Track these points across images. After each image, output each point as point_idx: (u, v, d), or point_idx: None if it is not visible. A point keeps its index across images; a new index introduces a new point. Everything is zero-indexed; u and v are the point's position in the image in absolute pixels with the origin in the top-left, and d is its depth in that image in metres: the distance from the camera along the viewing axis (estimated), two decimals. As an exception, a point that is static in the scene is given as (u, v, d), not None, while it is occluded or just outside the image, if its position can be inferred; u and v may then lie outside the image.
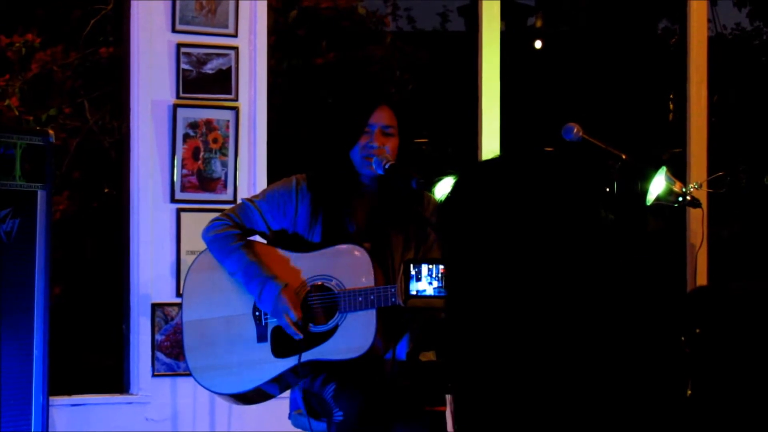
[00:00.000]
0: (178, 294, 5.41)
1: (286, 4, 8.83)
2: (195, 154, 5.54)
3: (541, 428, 1.70)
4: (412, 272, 3.67)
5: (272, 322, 4.03)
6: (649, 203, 5.51)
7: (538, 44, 10.49)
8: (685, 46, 6.67)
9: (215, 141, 5.57)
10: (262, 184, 5.57)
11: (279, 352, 4.01)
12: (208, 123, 5.56)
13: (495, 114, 6.24)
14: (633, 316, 1.76)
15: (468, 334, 1.74)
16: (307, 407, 4.06)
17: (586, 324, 1.71)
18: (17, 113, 7.90)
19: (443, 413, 4.03)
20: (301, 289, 4.01)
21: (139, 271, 5.50)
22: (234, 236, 4.09)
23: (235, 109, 5.61)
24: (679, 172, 6.08)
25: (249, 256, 4.03)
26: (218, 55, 5.61)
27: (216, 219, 4.15)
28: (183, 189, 5.53)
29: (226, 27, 5.62)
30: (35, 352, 4.91)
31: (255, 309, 4.07)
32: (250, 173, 5.65)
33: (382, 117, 4.11)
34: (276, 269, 4.03)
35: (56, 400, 5.28)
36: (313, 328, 3.97)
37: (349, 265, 3.98)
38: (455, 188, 1.83)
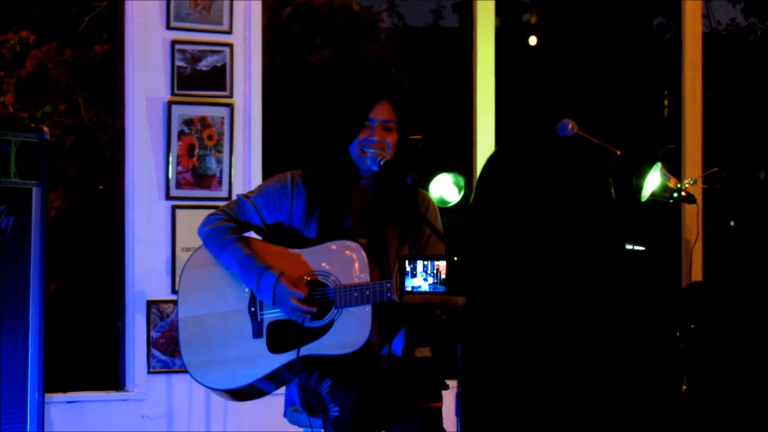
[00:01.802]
0: (174, 291, 5.42)
1: (281, 0, 8.83)
2: (190, 151, 5.54)
3: (544, 415, 1.70)
4: (408, 268, 3.67)
5: (268, 318, 4.04)
6: (644, 199, 5.52)
7: (532, 41, 10.48)
8: (679, 42, 6.67)
9: (210, 138, 5.57)
10: (257, 180, 5.56)
11: (275, 347, 4.01)
12: (203, 120, 5.56)
13: (490, 110, 6.25)
14: (629, 312, 1.76)
15: (488, 326, 1.75)
16: (303, 403, 4.06)
17: (587, 318, 1.71)
18: (12, 110, 7.89)
19: (439, 409, 4.03)
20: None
21: (134, 268, 5.50)
22: (229, 230, 4.09)
23: (230, 106, 5.61)
24: (674, 168, 6.08)
25: (244, 249, 4.04)
26: (213, 52, 5.60)
27: (211, 214, 4.16)
28: (178, 186, 5.53)
29: (221, 24, 5.62)
30: (30, 349, 4.90)
31: (250, 305, 4.07)
32: (245, 170, 5.65)
33: (382, 112, 4.11)
34: (272, 262, 4.03)
35: (52, 398, 5.28)
36: (309, 323, 3.97)
37: (344, 261, 3.98)
38: (477, 195, 1.83)
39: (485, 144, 6.27)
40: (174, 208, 5.52)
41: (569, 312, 1.72)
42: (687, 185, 5.61)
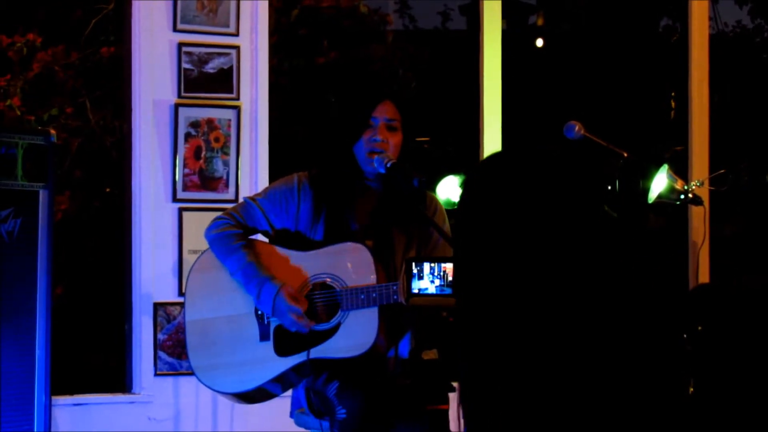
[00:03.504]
0: (180, 293, 5.41)
1: (288, 3, 8.83)
2: (197, 153, 5.54)
3: (546, 421, 1.70)
4: (414, 271, 3.67)
5: (275, 321, 4.03)
6: (651, 201, 5.51)
7: (539, 43, 10.48)
8: (686, 43, 6.66)
9: (217, 140, 5.57)
10: (263, 183, 5.56)
11: (282, 350, 4.01)
12: (210, 122, 5.56)
13: (496, 112, 6.24)
14: (636, 314, 1.76)
15: (478, 328, 1.75)
16: (310, 405, 4.06)
17: (590, 320, 1.71)
18: (19, 113, 7.90)
19: (445, 412, 4.03)
20: (303, 288, 4.00)
21: (141, 271, 5.50)
22: (235, 236, 4.08)
23: (237, 109, 5.61)
24: (680, 170, 6.07)
25: (248, 257, 4.03)
26: (220, 54, 5.61)
27: (218, 218, 4.15)
28: (185, 188, 5.53)
29: (228, 26, 5.62)
30: (37, 351, 4.91)
31: (257, 308, 4.06)
32: (252, 172, 5.65)
33: (386, 111, 4.10)
34: (277, 269, 4.02)
35: (58, 400, 5.28)
36: (316, 327, 3.96)
37: (351, 263, 3.98)
38: (464, 192, 1.83)
39: (492, 146, 6.27)
40: (181, 210, 5.52)
41: (574, 315, 1.72)
42: (694, 187, 5.61)
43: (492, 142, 6.25)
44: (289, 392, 4.22)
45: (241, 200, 4.70)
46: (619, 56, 9.81)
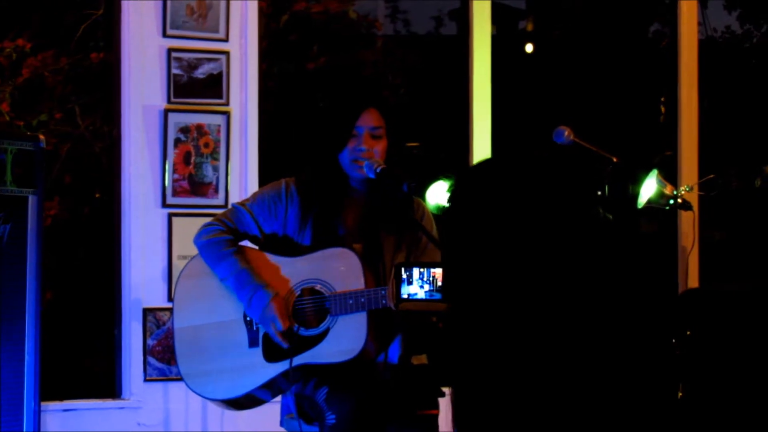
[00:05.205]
0: (170, 299, 5.41)
1: (277, 8, 8.82)
2: (186, 158, 5.54)
3: (537, 427, 1.70)
4: (404, 276, 3.67)
5: (263, 327, 4.03)
6: (640, 206, 5.52)
7: (529, 48, 10.49)
8: (675, 49, 6.68)
9: (206, 146, 5.56)
10: (253, 188, 5.56)
11: (271, 356, 4.00)
12: (200, 128, 5.56)
13: (486, 117, 6.25)
14: (625, 319, 1.76)
15: (468, 334, 1.75)
16: (299, 411, 4.05)
17: (580, 325, 1.71)
18: (8, 118, 7.89)
19: (435, 416, 4.03)
20: (291, 295, 4.00)
21: (130, 276, 5.49)
22: (226, 242, 4.07)
23: (227, 114, 5.60)
24: (670, 175, 6.08)
25: (241, 263, 4.02)
26: (209, 59, 5.60)
27: (208, 224, 4.14)
28: (174, 194, 5.52)
29: (217, 31, 5.62)
30: (27, 357, 4.90)
31: (246, 314, 4.06)
32: (242, 178, 5.64)
33: (369, 119, 4.09)
34: (267, 276, 4.02)
35: (48, 406, 5.28)
36: (304, 332, 3.96)
37: (339, 268, 3.97)
38: (452, 195, 1.83)
39: (482, 151, 6.28)
40: (170, 215, 5.52)
41: (564, 319, 1.72)
42: (683, 192, 5.61)
43: (482, 147, 6.26)
44: (279, 398, 4.22)
45: (229, 206, 4.70)
46: (608, 61, 9.82)
